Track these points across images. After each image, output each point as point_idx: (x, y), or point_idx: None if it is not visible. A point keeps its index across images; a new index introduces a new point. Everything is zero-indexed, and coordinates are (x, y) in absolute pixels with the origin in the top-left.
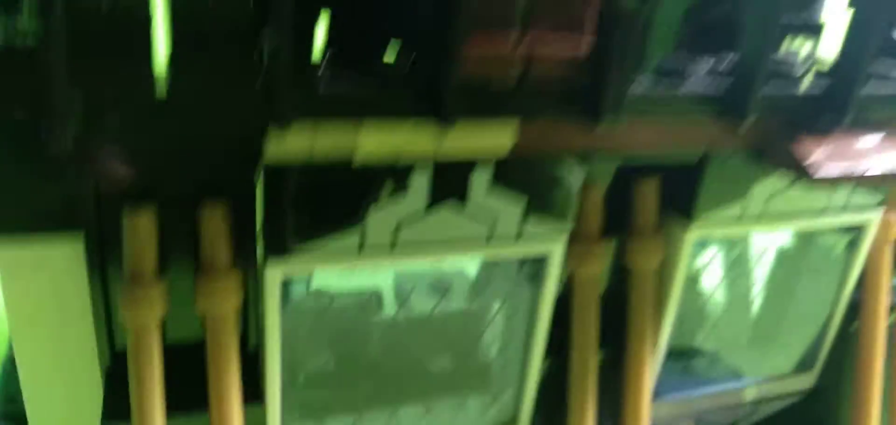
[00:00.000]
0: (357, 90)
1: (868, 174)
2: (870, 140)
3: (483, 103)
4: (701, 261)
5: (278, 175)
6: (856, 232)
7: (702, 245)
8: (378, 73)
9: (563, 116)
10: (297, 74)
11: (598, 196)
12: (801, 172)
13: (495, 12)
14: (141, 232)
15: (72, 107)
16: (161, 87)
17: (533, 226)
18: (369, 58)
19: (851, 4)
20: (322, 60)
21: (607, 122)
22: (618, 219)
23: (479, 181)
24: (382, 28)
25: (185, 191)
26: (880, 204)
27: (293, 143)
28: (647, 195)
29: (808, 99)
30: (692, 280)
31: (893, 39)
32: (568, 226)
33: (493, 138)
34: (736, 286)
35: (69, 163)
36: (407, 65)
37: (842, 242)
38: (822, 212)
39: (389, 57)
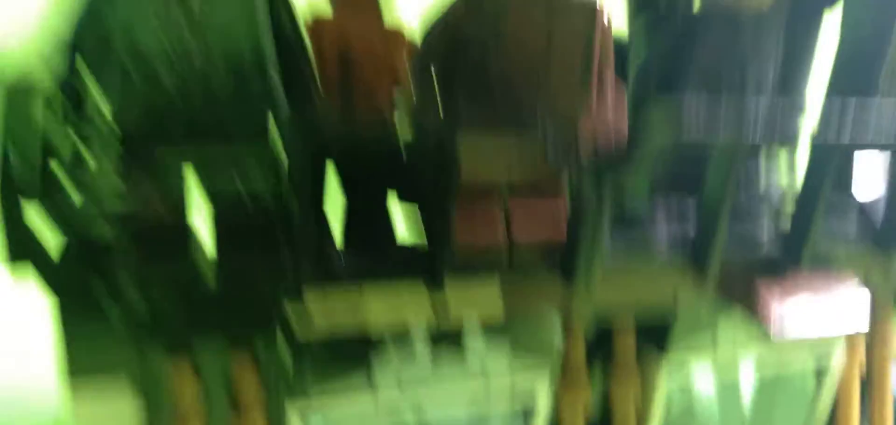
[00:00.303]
0: (365, 266)
1: (828, 318)
2: (829, 281)
3: (472, 270)
4: (682, 380)
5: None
6: (824, 349)
7: (680, 369)
8: (383, 249)
9: (543, 279)
10: (316, 255)
11: (579, 335)
12: (761, 322)
13: (479, 195)
14: (182, 380)
15: (132, 297)
16: (206, 275)
17: (521, 369)
18: (377, 233)
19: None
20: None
21: (582, 284)
22: (601, 346)
23: (472, 337)
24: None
25: (221, 344)
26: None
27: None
28: (625, 330)
29: (769, 244)
30: (674, 397)
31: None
32: (554, 364)
33: (483, 306)
34: (719, 402)
35: (129, 336)
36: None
37: (811, 360)
38: None
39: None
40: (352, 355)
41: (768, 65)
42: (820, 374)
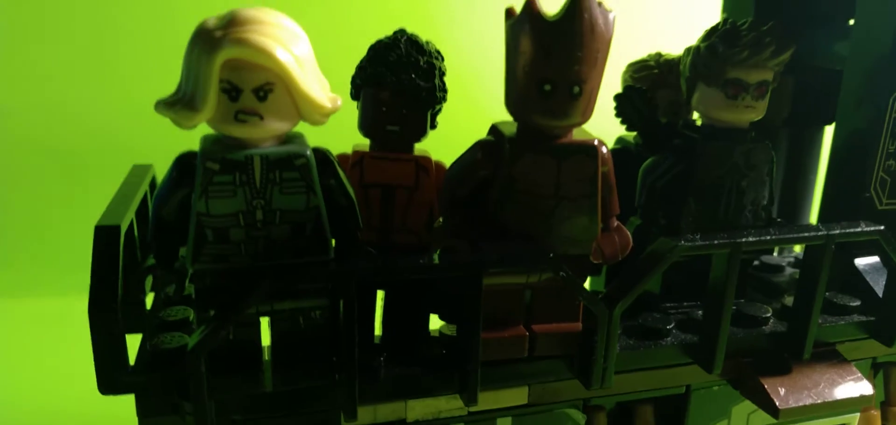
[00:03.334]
0: (405, 376)
1: (826, 402)
2: (828, 369)
3: (500, 376)
4: None
5: None
6: None
7: None
8: (422, 359)
9: (563, 379)
10: (362, 367)
11: (602, 421)
12: (767, 408)
13: (505, 311)
14: None
15: (209, 406)
16: (267, 383)
17: None
18: (416, 344)
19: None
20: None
21: (596, 387)
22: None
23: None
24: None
25: None
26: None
27: (361, 416)
28: (645, 418)
29: (771, 336)
30: None
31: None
32: None
33: (510, 399)
34: None
35: None
36: (443, 351)
37: None
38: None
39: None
40: None
41: (763, 173)
42: None
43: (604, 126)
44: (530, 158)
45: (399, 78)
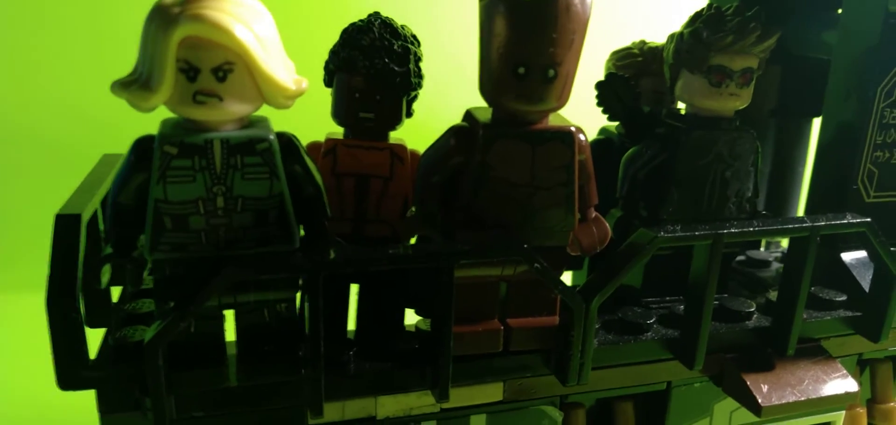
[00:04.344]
0: (375, 372)
1: (811, 399)
2: (813, 365)
3: (474, 372)
4: None
5: None
6: None
7: None
8: (394, 354)
9: (540, 375)
10: (330, 362)
11: (581, 419)
12: (749, 406)
13: (479, 304)
14: None
15: (168, 401)
16: (231, 378)
17: None
18: (388, 338)
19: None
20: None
21: (573, 383)
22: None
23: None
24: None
25: None
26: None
27: (329, 413)
28: (625, 415)
29: (755, 332)
30: None
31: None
32: None
33: (485, 395)
34: None
35: None
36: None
37: None
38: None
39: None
40: None
41: (747, 163)
42: None
43: (586, 116)
44: (504, 144)
45: (372, 62)
